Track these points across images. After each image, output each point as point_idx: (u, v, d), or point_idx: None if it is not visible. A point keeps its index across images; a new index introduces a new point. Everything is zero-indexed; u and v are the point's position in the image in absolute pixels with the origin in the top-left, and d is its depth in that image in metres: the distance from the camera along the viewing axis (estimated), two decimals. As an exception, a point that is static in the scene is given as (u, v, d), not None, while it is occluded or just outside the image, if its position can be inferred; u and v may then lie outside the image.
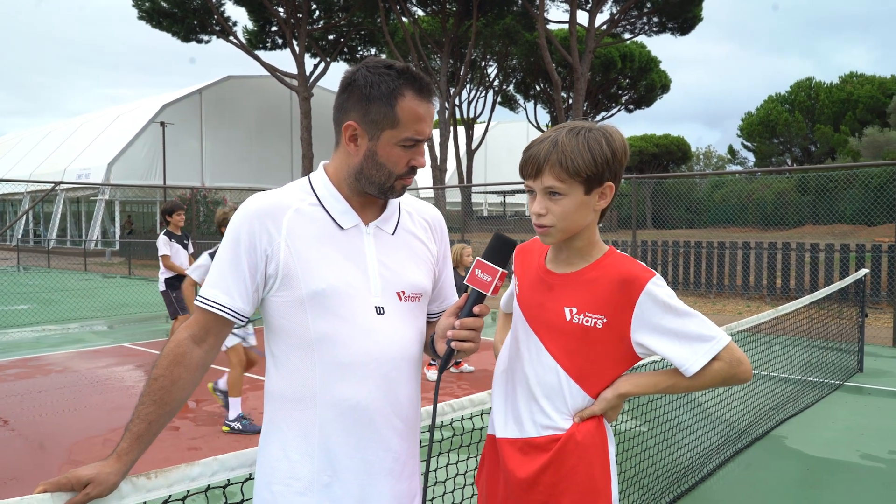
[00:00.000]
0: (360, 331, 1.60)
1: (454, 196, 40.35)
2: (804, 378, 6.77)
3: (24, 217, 37.53)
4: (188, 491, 1.74)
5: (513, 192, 43.08)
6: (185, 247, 8.27)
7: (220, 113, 35.41)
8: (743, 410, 5.55)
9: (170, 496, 1.70)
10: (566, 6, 30.47)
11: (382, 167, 1.61)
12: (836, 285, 6.99)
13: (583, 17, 30.79)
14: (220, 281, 1.61)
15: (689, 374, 1.62)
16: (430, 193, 39.68)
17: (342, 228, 1.64)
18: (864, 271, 7.65)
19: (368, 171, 1.62)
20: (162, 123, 31.04)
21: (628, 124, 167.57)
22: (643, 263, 1.71)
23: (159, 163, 31.95)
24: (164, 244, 8.14)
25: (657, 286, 1.63)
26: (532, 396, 1.71)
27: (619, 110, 42.02)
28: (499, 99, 40.98)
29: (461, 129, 39.19)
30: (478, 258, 1.63)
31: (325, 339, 1.58)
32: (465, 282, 1.62)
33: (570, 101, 33.52)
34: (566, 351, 1.67)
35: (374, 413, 1.61)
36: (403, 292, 1.68)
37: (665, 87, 41.20)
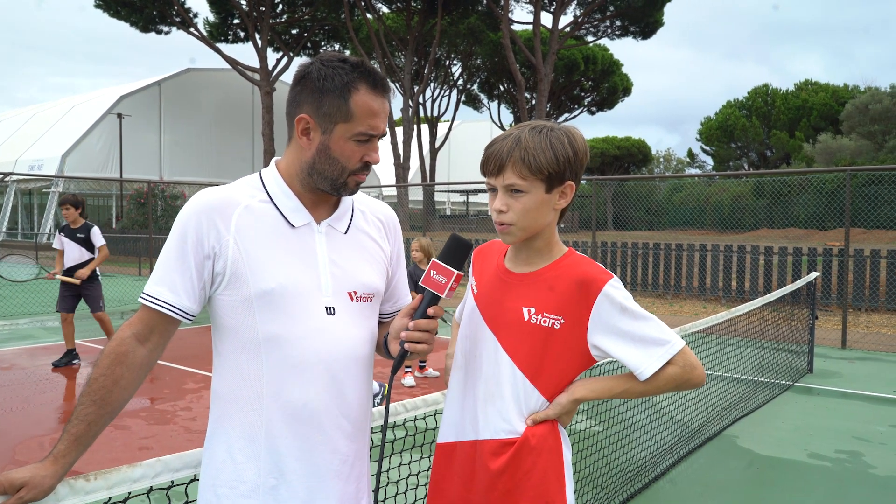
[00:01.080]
0: (309, 331, 1.57)
1: (417, 195, 40.29)
2: (756, 378, 6.91)
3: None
4: (129, 493, 1.69)
5: (476, 192, 43.19)
6: (81, 241, 7.90)
7: (180, 106, 34.76)
8: (696, 410, 5.64)
9: (109, 498, 1.65)
10: (530, 7, 30.68)
11: (335, 162, 1.58)
12: (788, 288, 7.16)
13: (547, 19, 31.06)
14: (165, 278, 1.56)
15: (643, 377, 1.62)
16: (393, 192, 39.58)
17: (293, 226, 1.61)
18: (814, 274, 7.85)
19: (321, 166, 1.59)
20: (119, 115, 30.35)
21: (591, 126, 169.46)
22: (601, 265, 1.71)
23: (116, 155, 31.23)
24: (55, 239, 8.07)
25: (615, 288, 1.63)
26: (488, 397, 1.69)
27: (581, 112, 42.48)
28: (463, 98, 41.08)
29: (425, 128, 39.15)
30: (433, 259, 1.61)
31: (273, 339, 1.55)
32: (420, 283, 1.60)
33: (534, 102, 33.73)
34: (523, 351, 1.66)
35: (321, 415, 1.58)
36: (355, 292, 1.66)
37: (627, 90, 41.77)
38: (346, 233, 1.68)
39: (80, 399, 1.52)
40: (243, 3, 30.59)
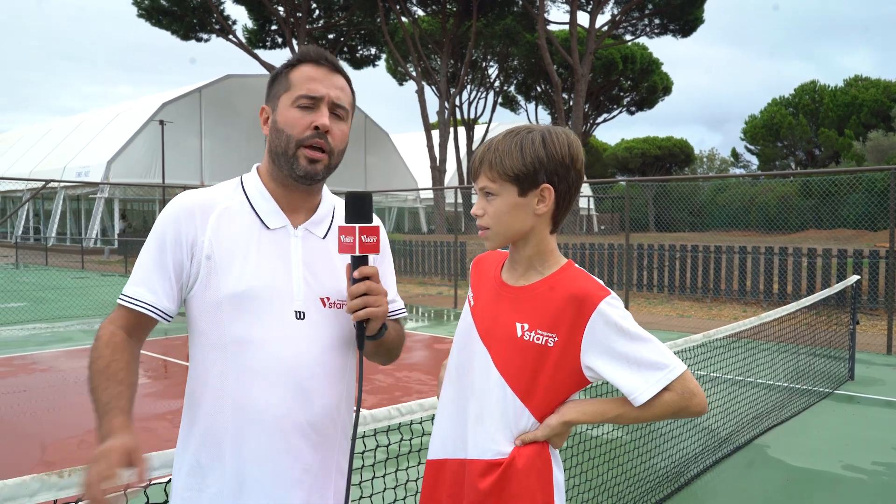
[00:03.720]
0: (275, 335, 1.55)
1: (453, 197, 40.30)
2: (791, 385, 6.68)
3: (25, 215, 37.56)
4: (104, 490, 1.67)
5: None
6: None
7: (220, 112, 35.37)
8: (725, 418, 5.46)
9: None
10: (567, 7, 30.41)
11: (281, 133, 1.59)
12: (825, 292, 6.90)
13: (583, 19, 30.75)
14: (144, 278, 1.57)
15: (638, 403, 1.53)
16: (430, 194, 39.64)
17: (269, 228, 1.61)
18: (854, 278, 7.54)
19: (274, 144, 1.61)
20: (161, 122, 31.01)
21: (630, 126, 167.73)
22: (600, 281, 1.61)
23: (158, 161, 31.93)
24: None
25: (611, 306, 1.54)
26: (478, 415, 1.63)
27: (620, 112, 41.99)
28: (499, 100, 40.94)
29: (461, 130, 39.13)
30: (339, 225, 1.59)
31: (239, 342, 1.54)
32: (338, 253, 1.57)
33: (571, 103, 33.42)
34: (515, 368, 1.59)
35: (284, 421, 1.55)
36: (328, 298, 1.63)
37: (667, 89, 41.14)
38: (324, 237, 1.67)
39: (97, 392, 1.49)
40: (281, 9, 31.02)
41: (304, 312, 1.58)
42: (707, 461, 4.82)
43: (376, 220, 1.72)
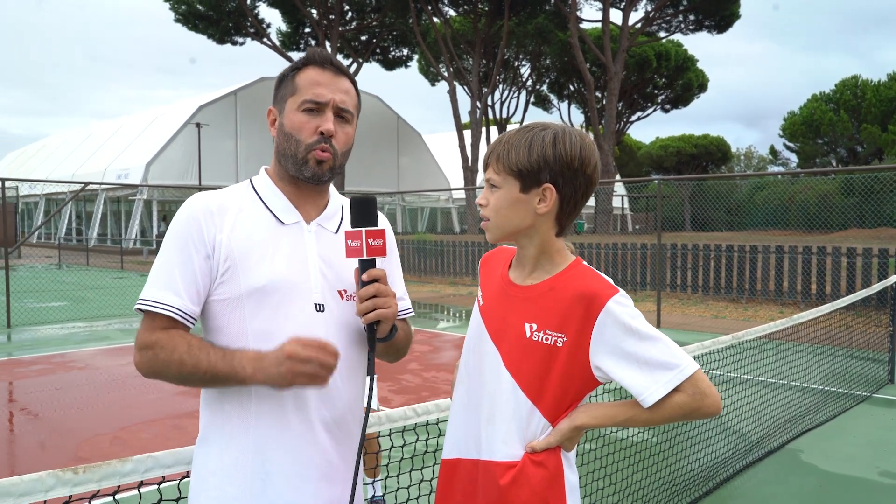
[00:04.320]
0: (297, 327, 1.56)
1: (487, 197, 40.14)
2: (826, 388, 6.51)
3: (68, 217, 38.52)
4: (118, 486, 1.71)
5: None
6: None
7: (255, 114, 35.84)
8: (756, 421, 5.34)
9: (98, 491, 1.68)
10: (599, 4, 30.12)
11: (290, 137, 1.63)
12: (863, 292, 6.70)
13: (616, 16, 30.47)
14: (168, 282, 1.55)
15: (647, 404, 1.50)
16: (462, 194, 39.62)
17: (283, 224, 1.64)
18: (893, 278, 7.33)
19: (283, 147, 1.65)
20: (198, 124, 31.55)
21: (665, 124, 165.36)
22: (608, 279, 1.58)
23: (195, 163, 32.48)
24: None
25: (619, 305, 1.51)
26: (489, 415, 1.62)
27: (654, 110, 41.47)
28: (532, 99, 40.73)
29: (493, 130, 39.05)
30: (345, 230, 1.61)
31: (261, 336, 1.55)
32: (346, 258, 1.59)
33: (605, 101, 33.11)
34: (525, 369, 1.58)
35: (310, 413, 1.58)
36: (345, 291, 1.65)
37: (702, 86, 40.51)
38: (336, 232, 1.70)
39: (197, 366, 1.51)
40: (314, 12, 31.30)
41: (323, 305, 1.61)
42: (737, 465, 4.73)
43: (383, 222, 1.73)
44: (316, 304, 1.60)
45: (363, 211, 1.59)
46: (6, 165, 50.95)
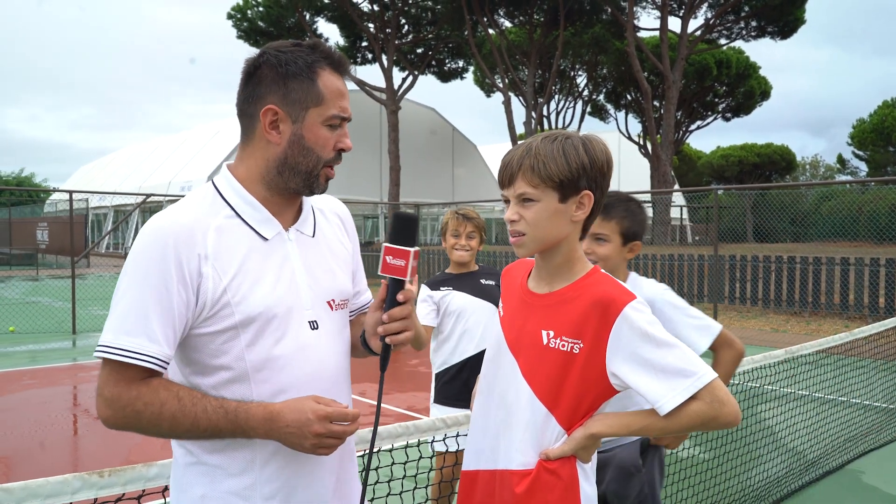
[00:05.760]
0: (296, 351, 1.49)
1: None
2: (891, 407, 6.18)
3: (134, 228, 39.99)
4: (143, 490, 1.74)
5: (603, 204, 42.11)
6: None
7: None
8: (812, 440, 5.11)
9: (123, 494, 1.71)
10: (657, 13, 29.66)
11: (310, 152, 1.48)
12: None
13: (675, 24, 29.89)
14: (140, 324, 1.34)
15: (663, 412, 1.46)
16: (517, 205, 39.39)
17: (265, 239, 1.50)
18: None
19: (294, 160, 1.48)
20: (257, 138, 32.32)
21: (726, 133, 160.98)
22: (625, 286, 1.57)
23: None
24: None
25: (636, 311, 1.50)
26: (506, 424, 1.61)
27: (715, 118, 40.47)
28: (588, 109, 40.32)
29: (549, 140, 38.76)
30: (385, 244, 1.51)
31: (261, 366, 1.45)
32: (379, 272, 1.51)
33: (662, 110, 32.52)
34: (541, 376, 1.57)
35: None
36: (334, 300, 1.60)
37: (765, 93, 39.36)
38: (313, 236, 1.61)
39: (186, 418, 1.38)
40: (371, 26, 31.77)
41: (316, 321, 1.53)
42: (792, 485, 4.52)
43: (345, 213, 1.74)
44: (310, 323, 1.52)
45: (408, 230, 1.51)
46: (79, 179, 53.26)
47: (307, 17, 31.41)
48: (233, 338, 1.42)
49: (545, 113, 35.64)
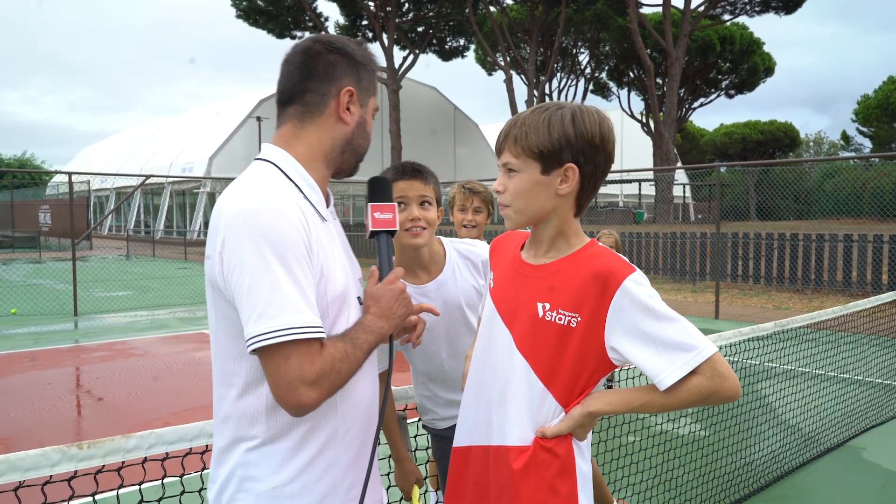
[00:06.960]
0: None
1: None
2: (892, 383, 6.17)
3: (136, 209, 39.98)
4: (123, 462, 1.73)
5: (605, 183, 42.08)
6: None
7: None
8: (804, 414, 5.10)
9: (103, 466, 1.70)
10: (660, -12, 29.37)
11: (368, 136, 1.58)
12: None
13: (678, 0, 29.57)
14: (306, 300, 1.36)
15: (663, 387, 1.44)
16: (520, 184, 39.30)
17: (325, 220, 1.51)
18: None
19: (357, 142, 1.56)
20: (258, 118, 32.19)
21: (730, 110, 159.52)
22: (625, 258, 1.53)
23: (256, 156, 33.22)
24: None
25: (636, 283, 1.46)
26: (501, 399, 1.58)
27: (718, 96, 40.25)
28: (590, 87, 40.09)
29: (551, 119, 38.57)
30: (370, 204, 1.63)
31: None
32: (371, 229, 1.61)
33: (665, 88, 32.30)
34: (538, 350, 1.53)
35: (372, 408, 1.58)
36: (361, 279, 1.65)
37: (769, 70, 39.08)
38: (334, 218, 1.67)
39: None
40: (371, 4, 31.50)
41: (360, 298, 1.59)
42: (793, 462, 4.52)
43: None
44: (358, 298, 1.58)
45: (384, 189, 1.65)
46: (80, 161, 53.21)
47: (306, -5, 31.11)
48: (324, 316, 1.42)
49: (547, 91, 35.41)
